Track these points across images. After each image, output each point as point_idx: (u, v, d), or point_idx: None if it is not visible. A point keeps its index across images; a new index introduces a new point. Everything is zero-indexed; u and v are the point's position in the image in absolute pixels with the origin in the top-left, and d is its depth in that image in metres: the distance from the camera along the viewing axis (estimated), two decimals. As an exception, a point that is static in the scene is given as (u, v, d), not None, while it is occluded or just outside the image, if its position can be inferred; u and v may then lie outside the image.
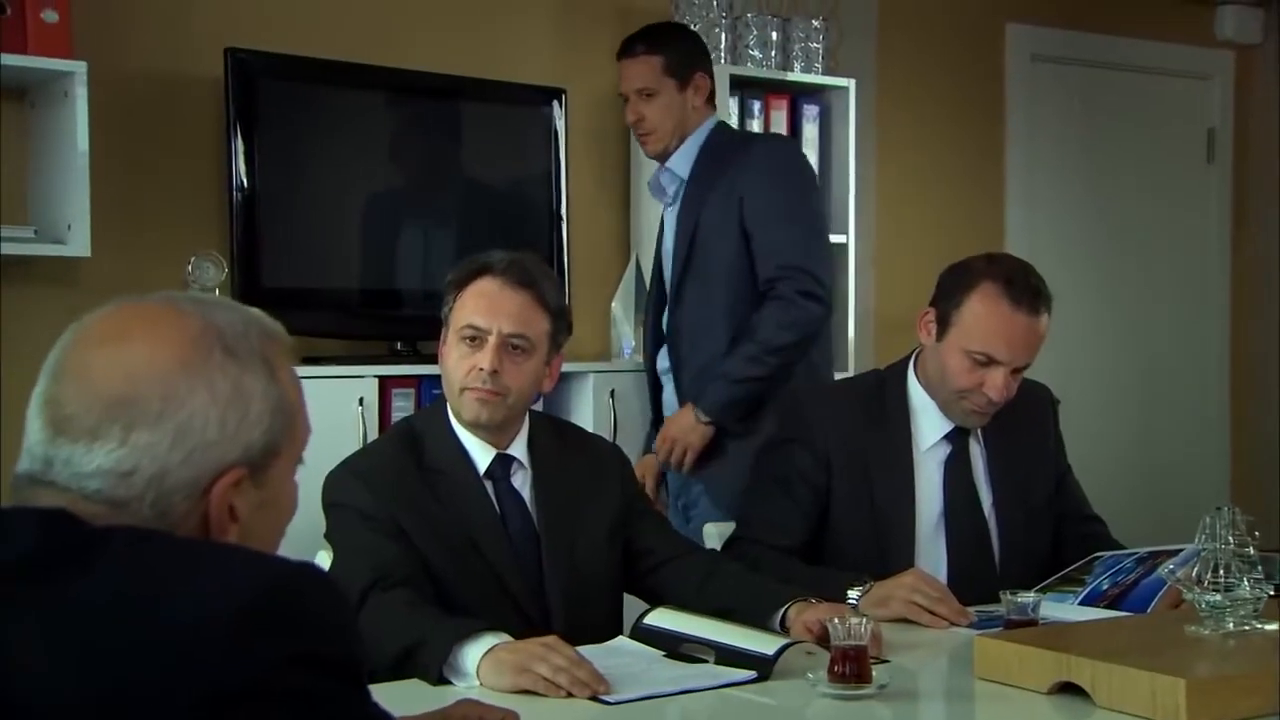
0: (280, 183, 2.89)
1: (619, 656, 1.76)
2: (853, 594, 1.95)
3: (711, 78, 2.87)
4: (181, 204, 2.95)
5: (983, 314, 2.10)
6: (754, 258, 2.69)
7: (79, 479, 0.95)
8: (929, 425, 2.20)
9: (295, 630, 0.89)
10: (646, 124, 2.82)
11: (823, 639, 1.72)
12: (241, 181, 2.84)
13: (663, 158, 2.84)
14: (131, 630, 0.86)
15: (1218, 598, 1.69)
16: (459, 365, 1.92)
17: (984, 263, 2.15)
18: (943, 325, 2.15)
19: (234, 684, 0.85)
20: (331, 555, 1.89)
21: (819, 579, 2.02)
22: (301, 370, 3.19)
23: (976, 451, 2.23)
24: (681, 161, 2.80)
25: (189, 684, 0.85)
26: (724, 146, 2.79)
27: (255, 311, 1.07)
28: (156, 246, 2.89)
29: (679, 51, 2.82)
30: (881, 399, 2.22)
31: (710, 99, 2.86)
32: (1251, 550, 1.70)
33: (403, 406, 2.86)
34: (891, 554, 2.14)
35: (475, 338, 1.91)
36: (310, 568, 0.94)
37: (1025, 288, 2.10)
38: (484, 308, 1.91)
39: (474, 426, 1.94)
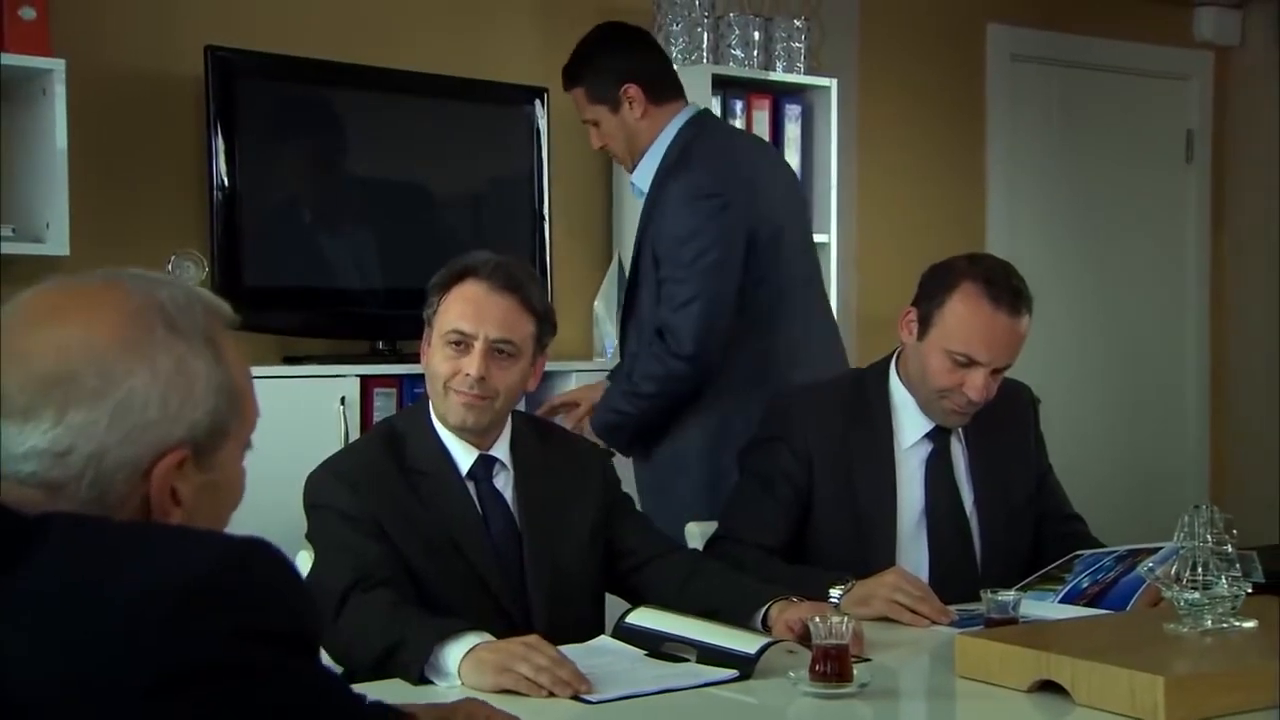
0: (261, 181, 2.88)
1: (601, 656, 1.76)
2: (834, 593, 1.96)
3: (642, 82, 2.67)
4: (161, 203, 2.94)
5: (964, 314, 2.10)
6: None
7: (12, 461, 0.93)
8: (910, 424, 2.21)
9: (242, 605, 0.87)
10: (608, 149, 2.79)
11: (804, 638, 1.72)
12: (222, 180, 2.83)
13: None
14: (80, 617, 0.85)
15: (1196, 595, 1.70)
16: (444, 369, 1.92)
17: (965, 263, 2.16)
18: (924, 325, 2.15)
19: (184, 662, 0.84)
20: (313, 556, 1.89)
21: (801, 578, 2.03)
22: (282, 370, 3.18)
23: (958, 450, 2.23)
24: (642, 176, 2.71)
25: (139, 666, 0.83)
26: (670, 168, 2.64)
27: (199, 289, 1.04)
28: (136, 245, 2.88)
29: (596, 76, 2.71)
30: (864, 398, 2.23)
31: (656, 99, 2.68)
32: (1229, 548, 1.71)
33: (384, 406, 2.85)
34: (873, 553, 2.14)
35: (461, 342, 1.91)
36: (255, 542, 0.91)
37: (1006, 288, 2.11)
38: (470, 313, 1.91)
39: (459, 429, 1.94)
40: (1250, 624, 1.71)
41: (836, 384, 2.31)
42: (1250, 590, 1.73)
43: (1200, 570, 1.70)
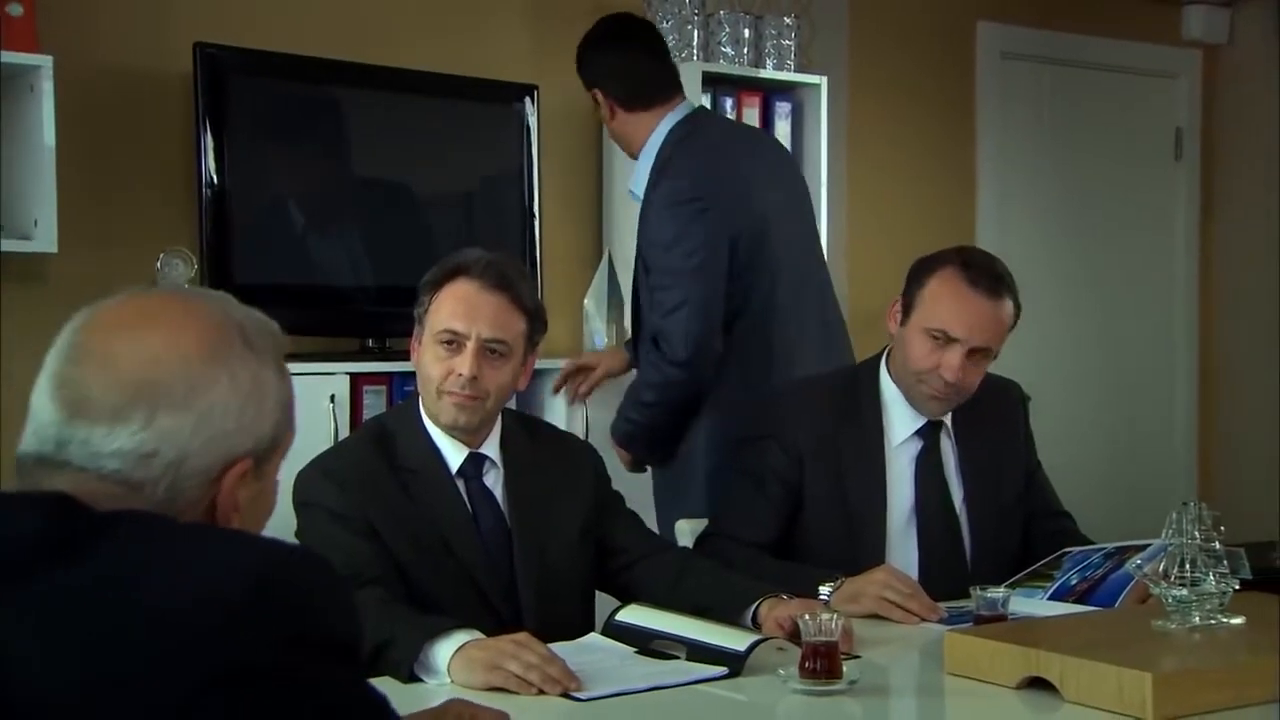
0: (250, 179, 2.88)
1: (590, 653, 1.76)
2: (824, 590, 1.96)
3: (610, 87, 2.66)
4: (150, 200, 2.93)
5: (940, 293, 2.13)
6: None
7: (96, 459, 0.96)
8: (900, 421, 2.21)
9: (292, 613, 0.89)
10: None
11: (794, 635, 1.73)
12: (211, 177, 2.82)
13: None
14: (131, 615, 0.87)
15: (1184, 592, 1.71)
16: (436, 368, 1.91)
17: (951, 252, 2.20)
18: (906, 311, 2.19)
19: (231, 666, 0.86)
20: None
21: (790, 575, 2.03)
22: (272, 367, 3.13)
23: (948, 447, 2.24)
24: (637, 181, 2.68)
25: (187, 667, 0.85)
26: (657, 171, 2.62)
27: (261, 314, 1.09)
28: (125, 242, 2.87)
29: (581, 76, 2.71)
30: (855, 395, 2.23)
31: (629, 105, 2.65)
32: (1217, 545, 1.72)
33: (374, 404, 2.85)
34: (863, 550, 2.14)
35: (453, 341, 1.90)
36: (307, 551, 0.95)
37: (984, 270, 2.14)
38: (461, 312, 1.90)
39: (451, 429, 1.93)
40: (1238, 620, 1.72)
41: (828, 381, 2.31)
42: (1238, 587, 1.73)
43: (1188, 567, 1.71)
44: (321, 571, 0.94)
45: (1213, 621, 1.71)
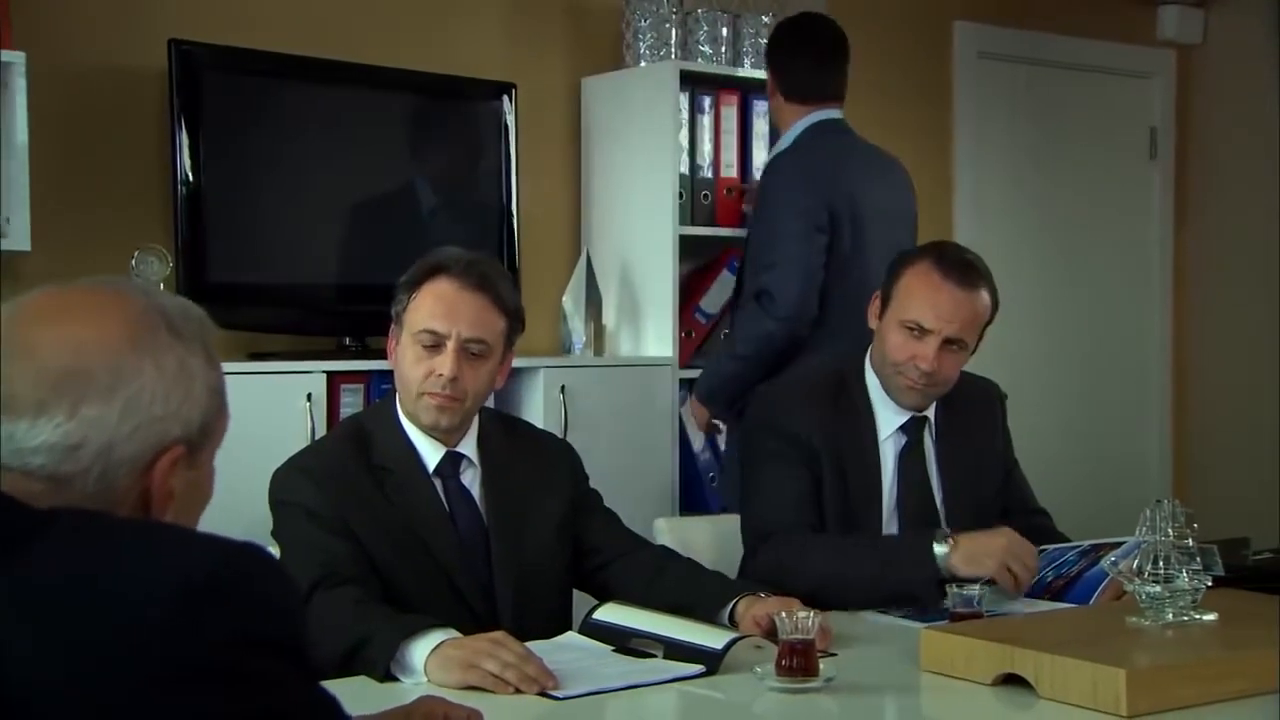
0: (226, 177, 2.86)
1: (567, 652, 1.76)
2: (939, 549, 1.98)
3: (781, 74, 3.02)
4: (125, 198, 2.91)
5: (913, 285, 2.18)
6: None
7: (21, 455, 0.95)
8: (884, 417, 2.24)
9: (241, 611, 0.89)
10: None
11: (771, 633, 1.73)
12: (186, 175, 2.80)
13: None
14: (81, 614, 0.86)
15: (1157, 589, 1.72)
16: (416, 369, 1.90)
17: (928, 246, 2.26)
18: (885, 304, 2.23)
19: (179, 664, 0.85)
20: (278, 553, 1.88)
21: (900, 543, 2.09)
22: (248, 366, 3.16)
23: (929, 444, 2.26)
24: (767, 159, 3.08)
25: (136, 664, 0.85)
26: (787, 151, 2.99)
27: (187, 301, 1.08)
28: (99, 240, 2.85)
29: (766, 54, 3.12)
30: (847, 392, 2.25)
31: (788, 96, 3.01)
32: (1190, 542, 1.73)
33: (351, 402, 2.83)
34: None
35: (434, 342, 1.89)
36: (256, 548, 0.94)
37: (956, 262, 2.18)
38: (441, 311, 1.89)
39: (430, 430, 1.93)
40: (1211, 616, 1.73)
41: (822, 381, 2.30)
42: (1210, 583, 1.75)
43: (1162, 564, 1.72)
44: (269, 569, 0.93)
45: (1186, 618, 1.72)
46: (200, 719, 0.86)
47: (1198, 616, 1.73)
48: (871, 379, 2.25)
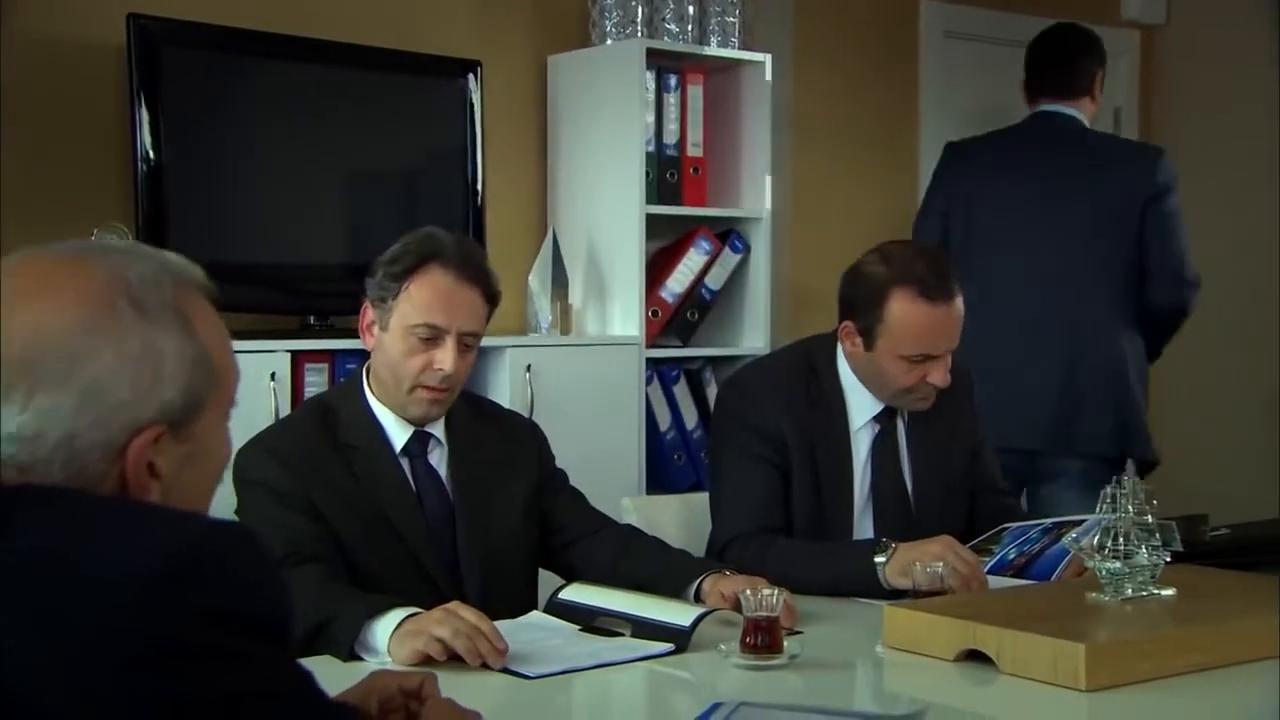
0: (187, 154, 2.83)
1: (534, 631, 1.76)
2: (879, 559, 1.97)
3: (1030, 75, 3.41)
4: (84, 175, 2.87)
5: (907, 321, 2.10)
6: None
7: None
8: (858, 406, 2.22)
9: (215, 589, 0.88)
10: None
11: (738, 607, 1.74)
12: (146, 152, 2.77)
13: None
14: (52, 592, 0.85)
15: (1117, 565, 1.74)
16: (410, 362, 1.87)
17: (883, 268, 2.14)
18: (868, 337, 2.15)
19: (155, 644, 0.85)
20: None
21: (837, 552, 2.06)
22: (211, 345, 3.06)
23: (900, 429, 2.25)
24: None
25: (111, 645, 0.84)
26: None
27: (171, 257, 1.03)
28: (58, 219, 2.81)
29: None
30: (817, 379, 2.23)
31: (1026, 97, 3.41)
32: (1150, 519, 1.75)
33: (316, 382, 2.82)
34: (830, 533, 2.17)
35: (432, 336, 1.87)
36: (230, 525, 0.92)
37: (936, 281, 2.11)
38: (441, 306, 1.86)
39: (421, 421, 1.92)
40: (1169, 592, 1.76)
41: (792, 368, 2.27)
42: (1169, 559, 1.77)
43: (1121, 541, 1.74)
44: (247, 547, 0.91)
45: (1145, 593, 1.75)
46: (179, 700, 0.85)
47: (1156, 592, 1.75)
48: (845, 370, 2.23)
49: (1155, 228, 3.12)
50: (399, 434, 1.93)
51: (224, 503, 1.88)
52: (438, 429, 1.96)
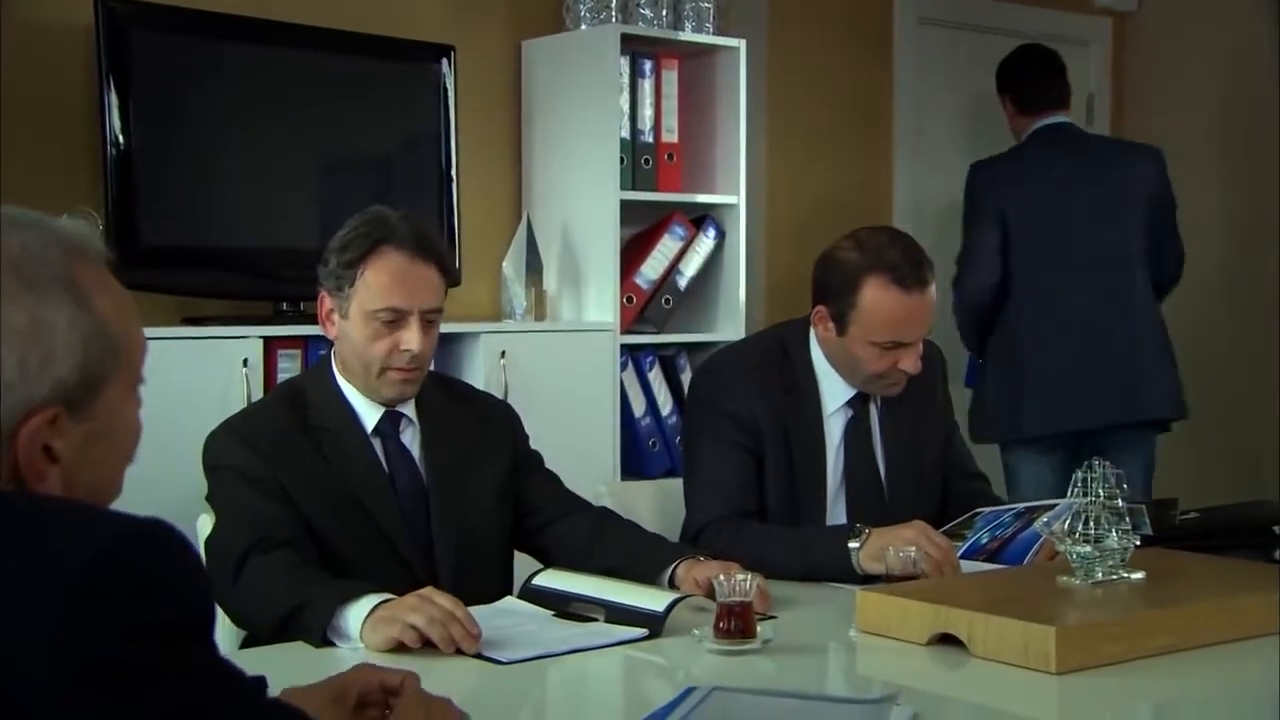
0: (158, 138, 2.80)
1: (508, 617, 1.76)
2: (853, 545, 1.97)
3: (1011, 94, 3.61)
4: (53, 160, 2.84)
5: (880, 309, 2.11)
6: None
7: None
8: (831, 392, 2.22)
9: (129, 598, 0.83)
10: None
11: (712, 594, 1.74)
12: (116, 136, 2.74)
13: None
14: None
15: (1088, 549, 1.75)
16: (375, 346, 1.86)
17: (856, 254, 2.14)
18: (840, 322, 2.15)
19: (77, 665, 0.81)
20: (214, 518, 1.86)
21: (811, 538, 2.05)
22: (183, 331, 3.09)
23: (873, 413, 2.26)
24: None
25: (30, 668, 0.80)
26: (1007, 155, 3.60)
27: (63, 224, 0.98)
28: (25, 203, 2.76)
29: (999, 83, 3.67)
30: (791, 364, 2.23)
31: (1020, 109, 3.58)
32: (1120, 503, 1.76)
33: (288, 367, 2.80)
34: (804, 518, 2.17)
35: (395, 319, 1.86)
36: (150, 527, 0.87)
37: (909, 268, 2.11)
38: (400, 288, 1.85)
39: (395, 402, 1.91)
40: (1139, 575, 1.77)
41: (765, 353, 2.27)
42: (1139, 543, 1.78)
43: (1092, 525, 1.75)
44: (166, 546, 0.87)
45: (1114, 577, 1.76)
46: (101, 716, 0.82)
47: (1126, 575, 1.77)
48: (818, 355, 2.23)
49: (1165, 216, 3.50)
50: (370, 415, 1.92)
51: (194, 489, 1.88)
52: (409, 408, 1.96)
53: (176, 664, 0.85)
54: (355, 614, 1.63)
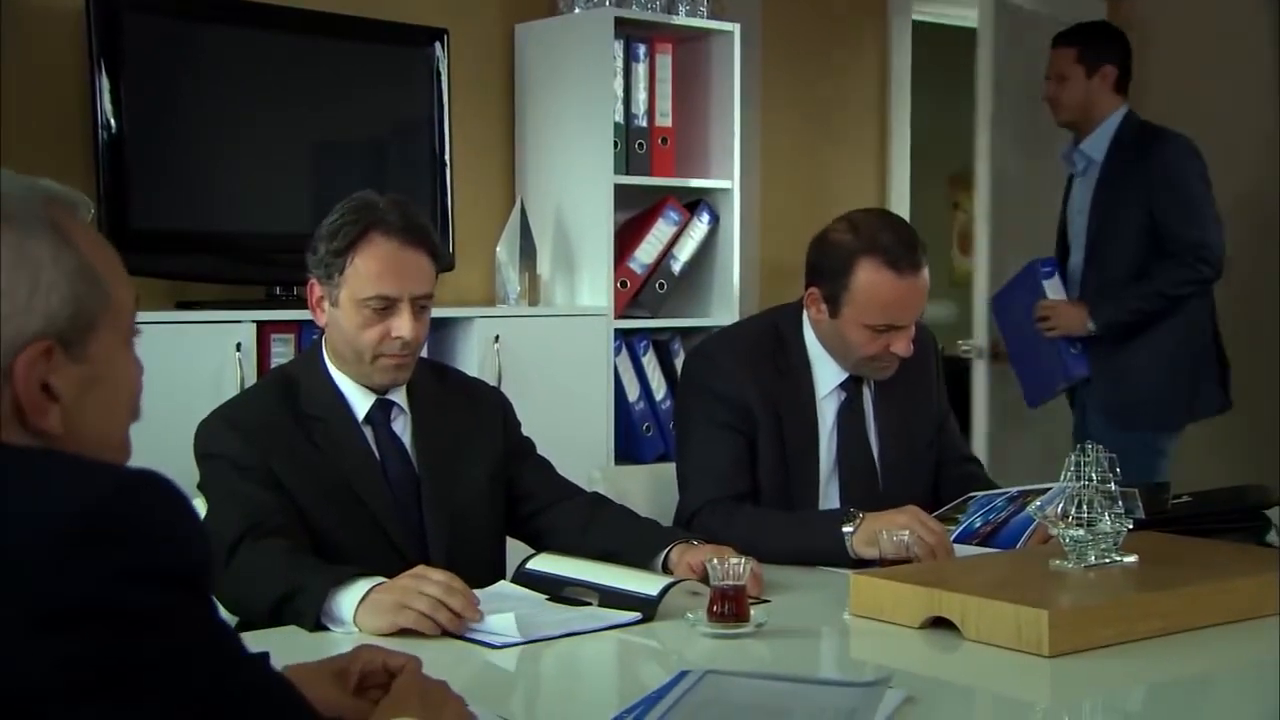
0: (149, 122, 2.79)
1: (501, 602, 1.76)
2: (846, 529, 1.97)
3: (1119, 69, 3.45)
4: (44, 143, 2.83)
5: (872, 290, 2.10)
6: (1161, 232, 3.33)
7: None
8: (824, 375, 2.22)
9: (127, 543, 0.85)
10: (1056, 101, 3.50)
11: (705, 579, 1.74)
12: (108, 120, 2.73)
13: (1068, 127, 3.51)
14: None
15: (1080, 532, 1.76)
16: (367, 333, 1.86)
17: (851, 236, 2.14)
18: (833, 304, 2.15)
19: (67, 602, 0.82)
20: (205, 506, 1.85)
21: (805, 522, 2.06)
22: (176, 315, 3.09)
23: (866, 396, 2.26)
24: (1094, 146, 3.44)
25: (22, 605, 0.82)
26: (1132, 144, 3.40)
27: (48, 183, 0.99)
28: (18, 187, 2.77)
29: (1093, 46, 3.46)
30: (784, 348, 2.23)
31: (1117, 87, 3.45)
32: (1113, 486, 1.77)
33: (282, 352, 2.80)
34: (796, 502, 2.17)
35: (386, 306, 1.86)
36: (146, 476, 0.88)
37: (903, 250, 2.11)
38: (390, 275, 1.84)
39: (388, 388, 1.91)
40: (1131, 559, 1.78)
41: (759, 337, 2.27)
42: (1131, 526, 1.79)
43: (1085, 508, 1.76)
44: (160, 495, 0.88)
45: (1107, 560, 1.76)
46: (90, 657, 0.83)
47: (1119, 559, 1.77)
48: (810, 338, 2.23)
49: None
50: (361, 402, 1.92)
51: (188, 470, 1.88)
52: (400, 396, 1.95)
53: (168, 609, 0.86)
54: (349, 598, 1.63)
